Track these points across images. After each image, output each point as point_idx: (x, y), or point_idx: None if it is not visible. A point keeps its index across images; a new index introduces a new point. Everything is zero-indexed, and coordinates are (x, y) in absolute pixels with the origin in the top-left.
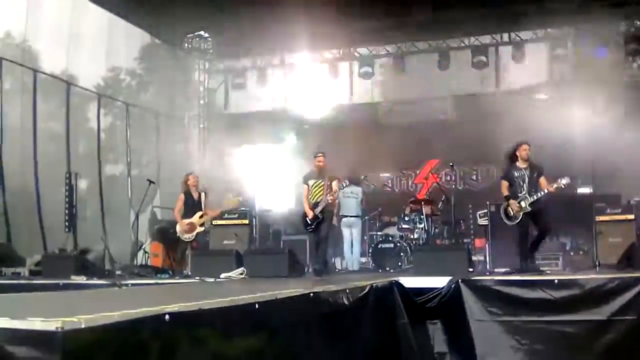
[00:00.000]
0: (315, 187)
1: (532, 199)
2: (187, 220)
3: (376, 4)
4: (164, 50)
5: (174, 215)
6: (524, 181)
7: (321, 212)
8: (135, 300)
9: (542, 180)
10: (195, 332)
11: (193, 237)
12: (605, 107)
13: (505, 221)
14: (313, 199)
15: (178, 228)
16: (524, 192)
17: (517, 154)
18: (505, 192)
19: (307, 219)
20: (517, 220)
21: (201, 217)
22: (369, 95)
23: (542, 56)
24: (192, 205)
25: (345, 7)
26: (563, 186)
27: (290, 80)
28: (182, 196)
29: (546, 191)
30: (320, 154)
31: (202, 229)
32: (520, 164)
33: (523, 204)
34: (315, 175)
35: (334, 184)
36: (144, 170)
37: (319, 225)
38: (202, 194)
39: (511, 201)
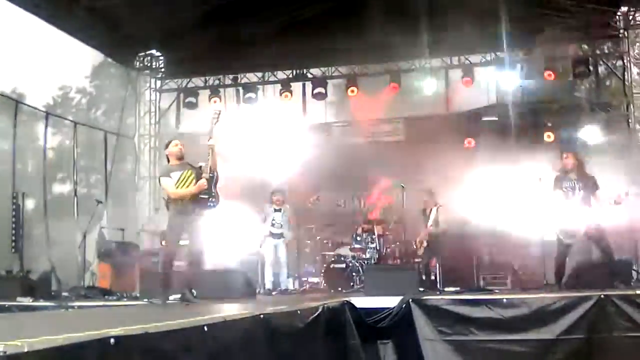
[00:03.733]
0: (183, 180)
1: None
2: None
3: (328, 25)
4: (115, 68)
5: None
6: (573, 193)
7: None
8: (81, 323)
9: (598, 193)
10: (142, 356)
11: None
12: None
13: (563, 239)
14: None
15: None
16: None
17: (561, 164)
18: None
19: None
20: (578, 238)
21: None
22: (322, 115)
23: (491, 79)
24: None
25: (297, 29)
26: (625, 197)
27: (242, 100)
28: None
29: (612, 202)
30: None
31: None
32: (570, 174)
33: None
34: (177, 167)
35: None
36: (92, 190)
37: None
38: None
39: None
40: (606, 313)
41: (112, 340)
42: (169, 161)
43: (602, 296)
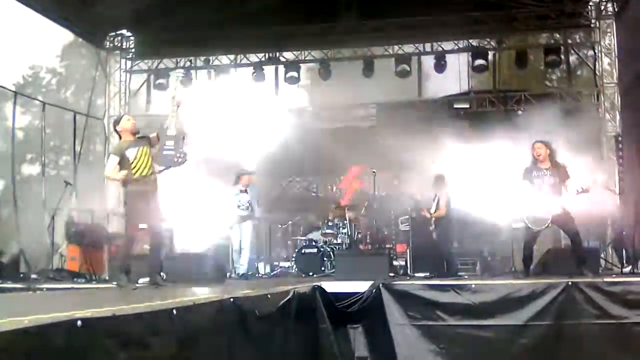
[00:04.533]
0: (142, 155)
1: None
2: None
3: (302, 9)
4: (85, 48)
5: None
6: (543, 182)
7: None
8: (49, 305)
9: (568, 183)
10: (109, 339)
11: None
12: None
13: (531, 227)
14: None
15: None
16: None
17: (532, 154)
18: None
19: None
20: (546, 225)
21: None
22: (295, 99)
23: (463, 66)
24: None
25: (270, 11)
26: (598, 183)
27: (214, 82)
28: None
29: (580, 190)
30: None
31: None
32: (541, 164)
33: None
34: (132, 143)
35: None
36: (61, 171)
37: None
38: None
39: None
40: (574, 300)
41: (79, 322)
42: (120, 138)
43: (570, 283)
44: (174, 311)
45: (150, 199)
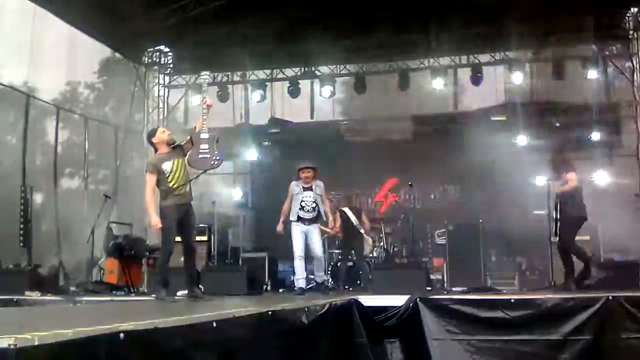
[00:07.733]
0: (177, 167)
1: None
2: None
3: (337, 24)
4: (123, 64)
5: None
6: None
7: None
8: (90, 317)
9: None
10: (151, 352)
11: None
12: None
13: None
14: (178, 182)
15: None
16: None
17: None
18: None
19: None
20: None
21: None
22: (330, 113)
23: (499, 78)
24: None
25: (306, 26)
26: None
27: (251, 97)
28: None
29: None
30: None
31: None
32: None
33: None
34: (167, 155)
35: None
36: (100, 185)
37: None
38: None
39: None
40: (614, 314)
41: (121, 335)
42: (156, 150)
43: (610, 297)
44: (214, 323)
45: (185, 211)
